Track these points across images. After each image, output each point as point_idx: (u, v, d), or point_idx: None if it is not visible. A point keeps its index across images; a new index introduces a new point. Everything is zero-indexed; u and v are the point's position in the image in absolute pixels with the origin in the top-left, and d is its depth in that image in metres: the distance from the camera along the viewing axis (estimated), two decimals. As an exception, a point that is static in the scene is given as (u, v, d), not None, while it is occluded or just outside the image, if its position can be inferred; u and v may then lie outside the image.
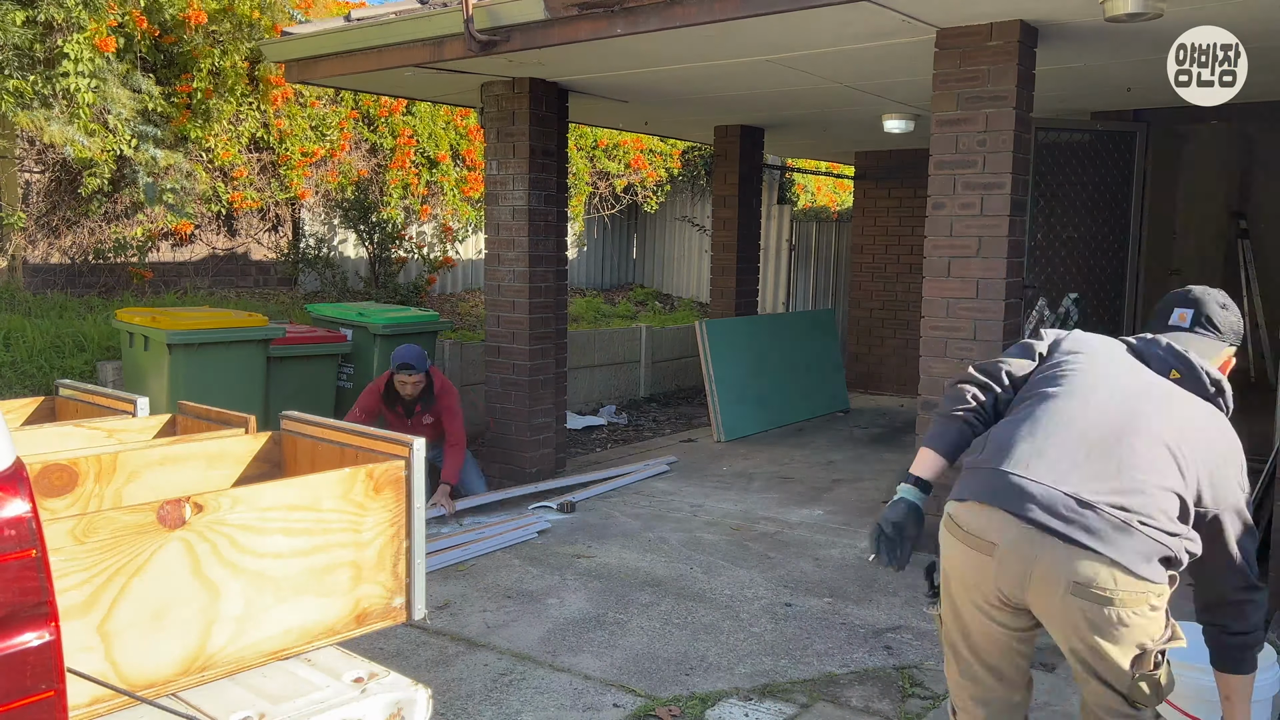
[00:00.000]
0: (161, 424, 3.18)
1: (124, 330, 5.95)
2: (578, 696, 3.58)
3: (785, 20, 4.67)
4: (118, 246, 7.67)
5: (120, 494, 2.67)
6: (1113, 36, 4.86)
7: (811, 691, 3.64)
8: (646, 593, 4.60)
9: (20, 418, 3.47)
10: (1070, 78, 5.99)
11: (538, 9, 5.01)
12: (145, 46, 7.30)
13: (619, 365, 9.57)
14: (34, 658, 1.55)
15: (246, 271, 8.76)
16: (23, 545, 1.55)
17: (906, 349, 9.89)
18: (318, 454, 2.81)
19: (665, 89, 6.73)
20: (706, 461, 7.23)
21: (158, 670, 2.12)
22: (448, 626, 4.18)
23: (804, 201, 13.97)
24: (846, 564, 5.04)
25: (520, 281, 6.51)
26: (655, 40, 5.12)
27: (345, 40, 5.92)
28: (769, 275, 11.85)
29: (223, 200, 8.16)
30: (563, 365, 6.83)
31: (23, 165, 7.32)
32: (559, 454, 6.82)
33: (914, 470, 2.53)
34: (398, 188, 9.37)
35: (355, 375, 6.67)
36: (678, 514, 5.87)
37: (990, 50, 4.77)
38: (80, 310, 7.10)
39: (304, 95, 8.51)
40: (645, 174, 11.54)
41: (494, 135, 6.55)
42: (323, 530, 2.39)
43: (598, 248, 12.34)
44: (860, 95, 6.77)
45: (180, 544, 2.13)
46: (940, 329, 5.07)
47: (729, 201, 8.76)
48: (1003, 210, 4.85)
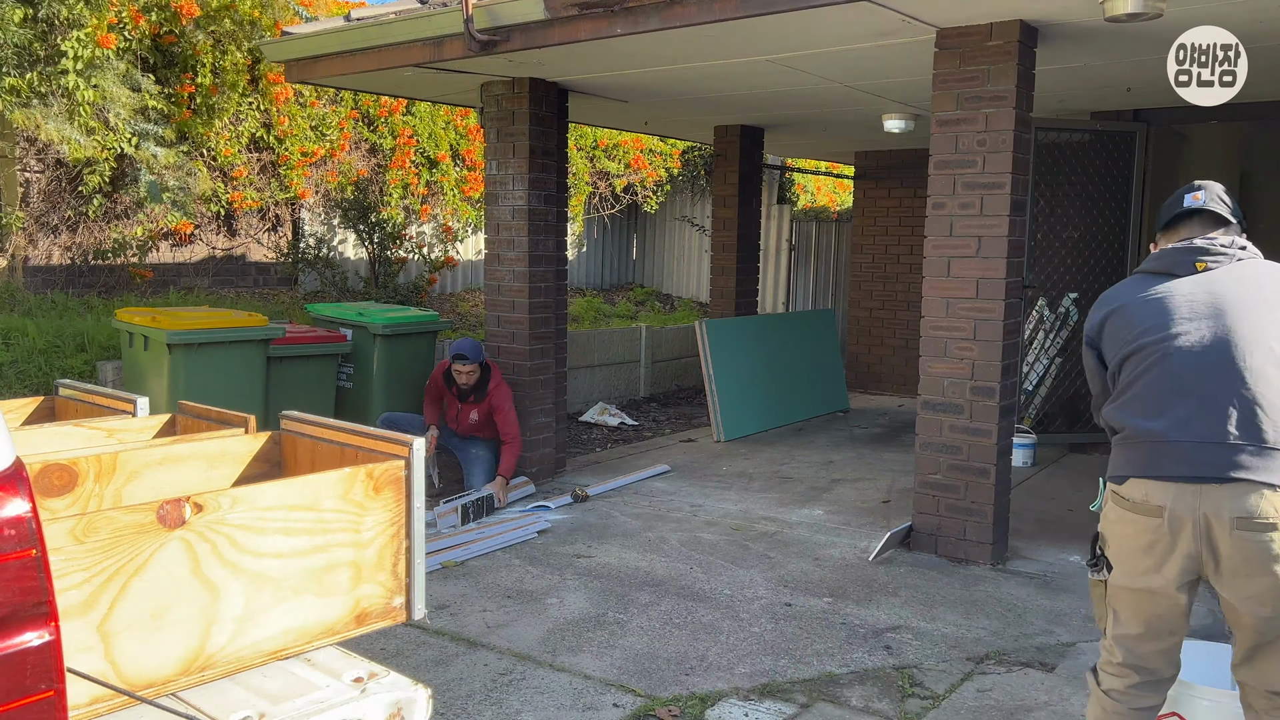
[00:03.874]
0: (161, 424, 3.17)
1: (124, 330, 5.95)
2: (578, 696, 3.58)
3: (785, 20, 4.66)
4: (118, 246, 7.67)
5: (120, 494, 2.67)
6: (1113, 36, 4.86)
7: (811, 691, 3.64)
8: (646, 592, 4.60)
9: (20, 418, 3.47)
10: (1070, 78, 5.99)
11: (538, 9, 5.01)
12: (145, 45, 7.30)
13: (619, 365, 9.57)
14: (34, 657, 1.55)
15: (246, 271, 8.76)
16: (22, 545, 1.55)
17: (906, 349, 9.89)
18: (318, 454, 2.80)
19: (665, 89, 6.73)
20: (706, 461, 7.23)
21: (157, 670, 2.12)
22: (448, 626, 4.18)
23: (804, 201, 13.97)
24: (846, 564, 5.03)
25: (520, 281, 6.51)
26: (655, 40, 5.12)
27: (345, 40, 5.92)
28: (769, 275, 11.85)
29: (223, 200, 8.16)
30: (562, 365, 6.83)
31: (23, 165, 7.32)
32: (559, 454, 6.82)
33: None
34: (398, 188, 9.37)
35: (355, 375, 6.67)
36: (677, 514, 5.87)
37: (990, 50, 4.77)
38: (80, 310, 7.11)
39: (304, 95, 8.51)
40: (645, 174, 11.54)
41: (494, 135, 6.55)
42: (323, 530, 2.39)
43: (597, 248, 12.34)
44: (860, 95, 6.77)
45: (180, 544, 2.13)
46: (940, 329, 5.07)
47: (729, 201, 8.76)
48: (1003, 210, 4.85)
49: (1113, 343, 2.63)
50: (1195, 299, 2.50)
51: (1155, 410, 2.47)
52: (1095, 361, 2.72)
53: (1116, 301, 2.65)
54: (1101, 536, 2.61)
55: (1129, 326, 2.58)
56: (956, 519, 5.08)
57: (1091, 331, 2.71)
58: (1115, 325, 2.62)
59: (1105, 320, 2.66)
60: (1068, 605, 4.49)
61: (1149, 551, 2.45)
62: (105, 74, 6.75)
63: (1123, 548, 2.52)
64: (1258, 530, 2.31)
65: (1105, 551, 2.59)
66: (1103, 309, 2.68)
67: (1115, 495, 2.54)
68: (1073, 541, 5.38)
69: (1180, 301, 2.51)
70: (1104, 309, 2.68)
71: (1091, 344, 2.71)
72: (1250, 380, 2.37)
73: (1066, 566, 5.01)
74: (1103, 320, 2.67)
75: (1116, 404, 2.60)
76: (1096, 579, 2.64)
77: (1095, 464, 6.93)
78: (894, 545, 5.21)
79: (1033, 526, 5.68)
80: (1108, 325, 2.65)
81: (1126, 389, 2.56)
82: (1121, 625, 2.56)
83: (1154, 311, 2.54)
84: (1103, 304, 2.69)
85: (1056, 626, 4.26)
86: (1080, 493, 6.37)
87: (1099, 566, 2.61)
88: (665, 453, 7.50)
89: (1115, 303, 2.65)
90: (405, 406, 6.69)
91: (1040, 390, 7.40)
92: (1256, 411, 2.35)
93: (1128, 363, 2.56)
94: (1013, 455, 5.39)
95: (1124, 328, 2.59)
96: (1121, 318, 2.61)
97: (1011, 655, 3.97)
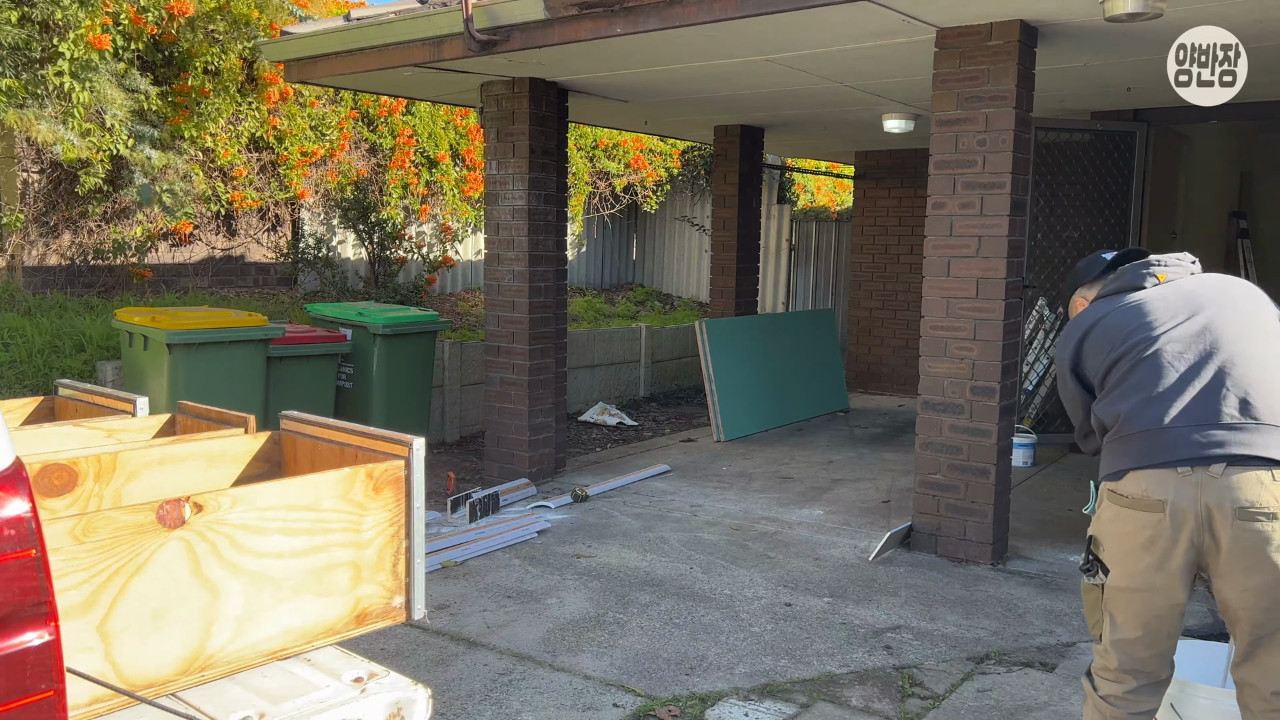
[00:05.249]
0: (161, 424, 3.17)
1: (123, 330, 5.95)
2: (577, 696, 3.57)
3: (785, 20, 4.66)
4: (117, 247, 7.67)
5: (120, 494, 2.67)
6: (1113, 36, 4.86)
7: (811, 691, 3.64)
8: (646, 593, 4.60)
9: (20, 418, 3.46)
10: (1070, 78, 5.99)
11: (537, 9, 5.01)
12: (142, 44, 7.29)
13: (619, 365, 9.57)
14: (34, 657, 1.55)
15: (246, 271, 8.76)
16: (22, 545, 1.55)
17: (906, 349, 9.89)
18: (317, 454, 2.80)
19: (665, 89, 6.73)
20: (706, 461, 7.23)
21: (157, 670, 2.12)
22: (448, 626, 4.18)
23: (804, 201, 13.97)
24: (846, 564, 5.03)
25: (520, 281, 6.51)
26: (655, 40, 5.12)
27: (345, 40, 5.91)
28: (769, 275, 11.85)
29: (222, 200, 8.16)
30: (562, 365, 6.83)
31: (21, 165, 7.32)
32: (559, 454, 6.82)
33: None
34: (397, 187, 9.37)
35: (355, 375, 6.66)
36: (677, 514, 5.87)
37: (990, 50, 4.76)
38: (79, 310, 7.10)
39: (303, 95, 8.51)
40: (645, 174, 11.54)
41: (494, 135, 6.54)
42: (322, 530, 2.39)
43: (597, 248, 12.33)
44: (860, 95, 6.77)
45: (180, 544, 2.13)
46: (940, 329, 5.07)
47: (729, 201, 8.76)
48: (1003, 210, 4.85)
49: (1096, 355, 2.62)
50: (1170, 300, 2.56)
51: (1151, 398, 2.48)
52: (1076, 388, 2.71)
53: (1089, 321, 2.67)
54: (1095, 540, 2.59)
55: (1113, 332, 2.59)
56: (956, 519, 5.08)
57: (1068, 359, 2.70)
58: (1096, 339, 2.63)
59: (1083, 340, 2.66)
60: (1068, 605, 4.49)
61: (1149, 548, 2.43)
62: (100, 75, 6.74)
63: (1121, 547, 2.50)
64: (1259, 520, 2.32)
65: (1100, 555, 2.57)
66: (1075, 334, 2.69)
67: (1112, 493, 2.53)
68: (1072, 541, 5.38)
69: (1157, 304, 2.57)
70: (1077, 333, 2.69)
71: (1073, 370, 2.70)
72: (1242, 362, 2.42)
73: (1066, 566, 5.01)
74: (1080, 342, 2.67)
75: (1108, 399, 2.58)
76: (1091, 584, 2.63)
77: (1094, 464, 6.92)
78: (894, 545, 5.21)
79: (1033, 526, 5.68)
80: (1086, 344, 2.65)
81: (1118, 385, 2.57)
82: (1119, 630, 2.53)
83: (1135, 314, 2.58)
84: (1074, 330, 2.70)
85: (1056, 626, 4.26)
86: (1080, 492, 6.37)
87: (1093, 571, 2.59)
88: (665, 453, 7.50)
89: (1088, 323, 2.67)
90: (405, 406, 6.70)
91: (1040, 390, 7.40)
92: (1250, 392, 2.39)
93: (1118, 364, 2.57)
94: (1013, 455, 5.39)
95: (1107, 337, 2.61)
96: (1101, 331, 2.63)
97: (1012, 655, 3.97)
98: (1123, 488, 2.49)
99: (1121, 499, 2.49)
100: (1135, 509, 2.46)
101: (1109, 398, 2.59)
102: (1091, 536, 2.61)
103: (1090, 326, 2.65)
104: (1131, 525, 2.47)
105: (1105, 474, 2.57)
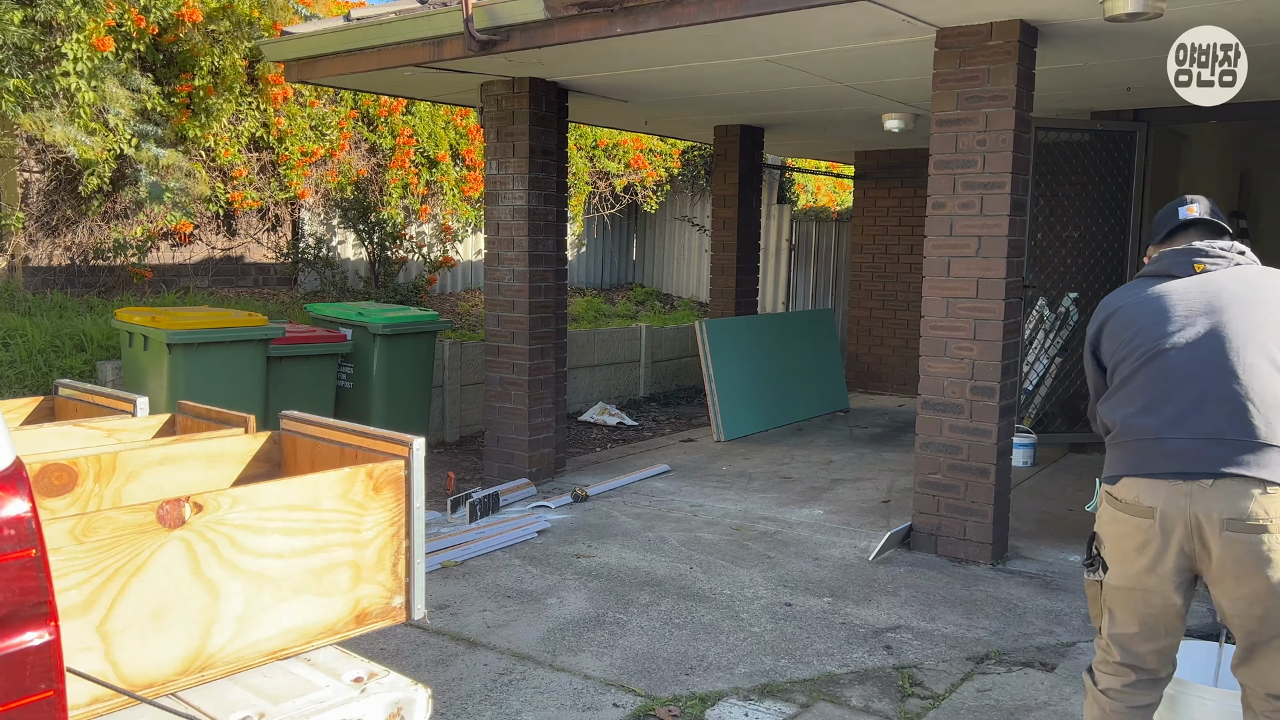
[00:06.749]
0: (161, 424, 3.17)
1: (124, 330, 5.95)
2: (577, 696, 3.57)
3: (785, 20, 4.66)
4: (117, 246, 7.67)
5: (120, 494, 2.67)
6: (1113, 36, 4.86)
7: (811, 691, 3.64)
8: (646, 592, 4.60)
9: (20, 417, 3.46)
10: (1070, 78, 5.99)
11: (537, 8, 5.01)
12: (144, 45, 7.29)
13: (619, 365, 9.57)
14: (34, 657, 1.55)
15: (246, 271, 8.76)
16: (22, 545, 1.55)
17: (906, 349, 9.89)
18: (317, 454, 2.80)
19: (665, 89, 6.73)
20: (706, 461, 7.23)
21: (157, 670, 2.12)
22: (448, 626, 4.18)
23: (804, 201, 13.97)
24: (846, 564, 5.03)
25: (520, 281, 6.51)
26: (655, 40, 5.12)
27: (345, 40, 5.91)
28: (769, 275, 11.85)
29: (222, 200, 8.16)
30: (562, 365, 6.83)
31: (22, 165, 7.32)
32: (559, 454, 6.82)
33: None
34: (397, 187, 9.37)
35: (355, 375, 6.66)
36: (677, 514, 5.87)
37: (990, 50, 4.77)
38: (80, 310, 7.10)
39: (304, 95, 8.51)
40: (645, 174, 11.53)
41: (494, 135, 6.55)
42: (322, 530, 2.39)
43: (597, 248, 12.33)
44: (860, 95, 6.76)
45: (180, 544, 2.13)
46: (940, 329, 5.07)
47: (729, 201, 8.76)
48: (1003, 210, 4.85)
49: (1110, 345, 2.66)
50: (1191, 299, 2.53)
51: (1148, 407, 2.49)
52: (1095, 367, 2.74)
53: (1115, 305, 2.69)
54: (1097, 537, 2.64)
55: (1125, 327, 2.61)
56: (956, 519, 5.08)
57: (1093, 338, 2.74)
58: (1113, 327, 2.66)
59: (1104, 324, 2.69)
60: (1068, 605, 4.49)
61: (1142, 551, 2.46)
62: (104, 76, 6.75)
63: (1117, 548, 2.54)
64: (1248, 532, 2.32)
65: (1101, 551, 2.61)
66: (1102, 314, 2.72)
67: (1109, 496, 2.57)
68: (1072, 541, 5.38)
69: (1176, 301, 2.54)
70: (1103, 314, 2.71)
71: (1093, 350, 2.74)
72: (1243, 377, 2.39)
73: (1066, 566, 5.01)
74: (1102, 324, 2.70)
75: (1110, 401, 2.62)
76: (1092, 579, 2.67)
77: (1095, 464, 6.92)
78: (894, 545, 5.21)
79: (1033, 526, 5.68)
80: (1106, 328, 2.68)
81: (1121, 386, 2.59)
82: (1118, 624, 2.57)
83: (1149, 312, 2.57)
84: (1102, 309, 2.73)
85: (1056, 626, 4.26)
86: (1080, 492, 6.37)
87: (1095, 566, 2.64)
88: (665, 453, 7.50)
89: (1113, 306, 2.69)
90: (405, 406, 6.70)
91: (1040, 390, 7.40)
92: (1248, 408, 2.37)
93: (1124, 363, 2.58)
94: (1013, 455, 5.39)
95: (1121, 329, 2.62)
96: (1119, 320, 2.64)
97: (1011, 655, 3.97)
98: (1118, 492, 2.53)
99: (1117, 503, 2.53)
100: (1129, 514, 2.49)
101: (1112, 399, 2.62)
102: (1094, 533, 2.65)
103: (1113, 312, 2.67)
104: (1126, 529, 2.50)
105: (1104, 476, 2.61)
